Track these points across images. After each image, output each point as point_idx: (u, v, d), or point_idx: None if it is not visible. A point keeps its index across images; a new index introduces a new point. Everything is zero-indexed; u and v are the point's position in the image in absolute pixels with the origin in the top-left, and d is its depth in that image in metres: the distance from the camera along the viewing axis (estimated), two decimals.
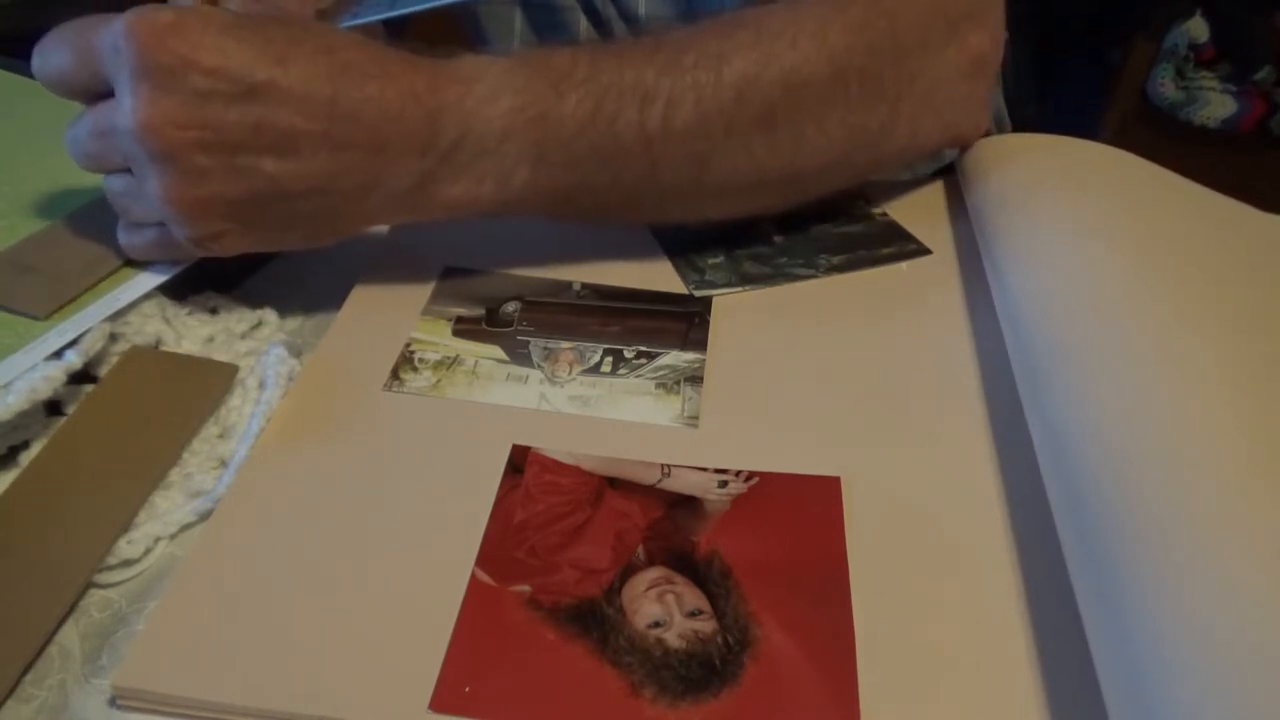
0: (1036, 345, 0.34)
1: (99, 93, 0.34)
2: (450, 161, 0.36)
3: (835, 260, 0.44)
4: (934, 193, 0.50)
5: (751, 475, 0.33)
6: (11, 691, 0.26)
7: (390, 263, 0.43)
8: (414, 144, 0.35)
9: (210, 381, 0.35)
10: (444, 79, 0.36)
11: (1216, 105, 1.44)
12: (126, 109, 0.32)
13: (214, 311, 0.39)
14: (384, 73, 0.35)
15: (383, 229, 0.46)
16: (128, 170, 0.35)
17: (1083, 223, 0.39)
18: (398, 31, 0.49)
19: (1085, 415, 0.30)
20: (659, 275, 0.43)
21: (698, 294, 0.42)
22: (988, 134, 0.49)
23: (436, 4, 0.42)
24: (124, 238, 0.38)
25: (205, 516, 0.31)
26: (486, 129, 0.36)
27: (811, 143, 0.41)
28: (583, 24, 0.61)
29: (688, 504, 0.32)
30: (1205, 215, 0.44)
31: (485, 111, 0.36)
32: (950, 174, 0.51)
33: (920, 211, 0.48)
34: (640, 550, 0.30)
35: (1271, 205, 0.45)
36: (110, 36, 0.32)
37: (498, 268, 0.43)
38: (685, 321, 0.40)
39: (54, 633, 0.28)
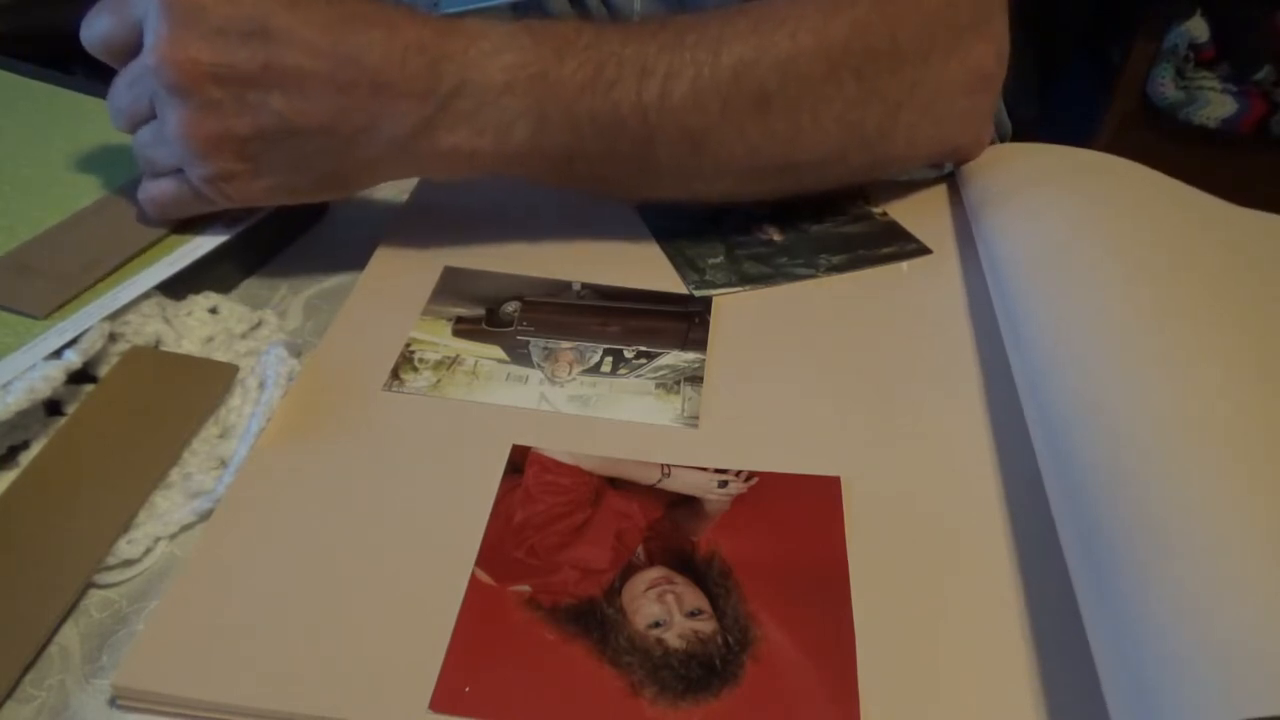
0: (1035, 344, 0.34)
1: (136, 50, 0.37)
2: (449, 109, 0.37)
3: (835, 260, 0.44)
4: (934, 193, 0.50)
5: (751, 475, 0.33)
6: (11, 691, 0.26)
7: (390, 263, 0.43)
8: (415, 88, 0.37)
9: (210, 381, 0.35)
10: (448, 31, 0.37)
11: (1216, 105, 1.44)
12: (149, 46, 0.35)
13: (214, 311, 0.39)
14: (390, 23, 0.37)
15: (391, 205, 0.46)
16: (154, 119, 0.37)
17: (1081, 223, 0.39)
18: None
19: (1084, 414, 0.30)
20: (659, 275, 0.43)
21: (698, 294, 0.42)
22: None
23: (477, 6, 0.44)
24: (144, 193, 0.40)
25: (205, 516, 0.31)
26: (487, 81, 0.37)
27: (807, 133, 0.41)
28: None
29: (688, 504, 0.32)
30: (1201, 217, 0.44)
31: (486, 64, 0.37)
32: (951, 176, 0.51)
33: (920, 211, 0.48)
34: (640, 550, 0.30)
35: (1271, 205, 0.45)
36: None
37: (498, 268, 0.43)
38: (685, 321, 0.40)
39: (54, 633, 0.28)
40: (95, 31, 0.38)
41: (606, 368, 0.38)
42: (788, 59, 0.40)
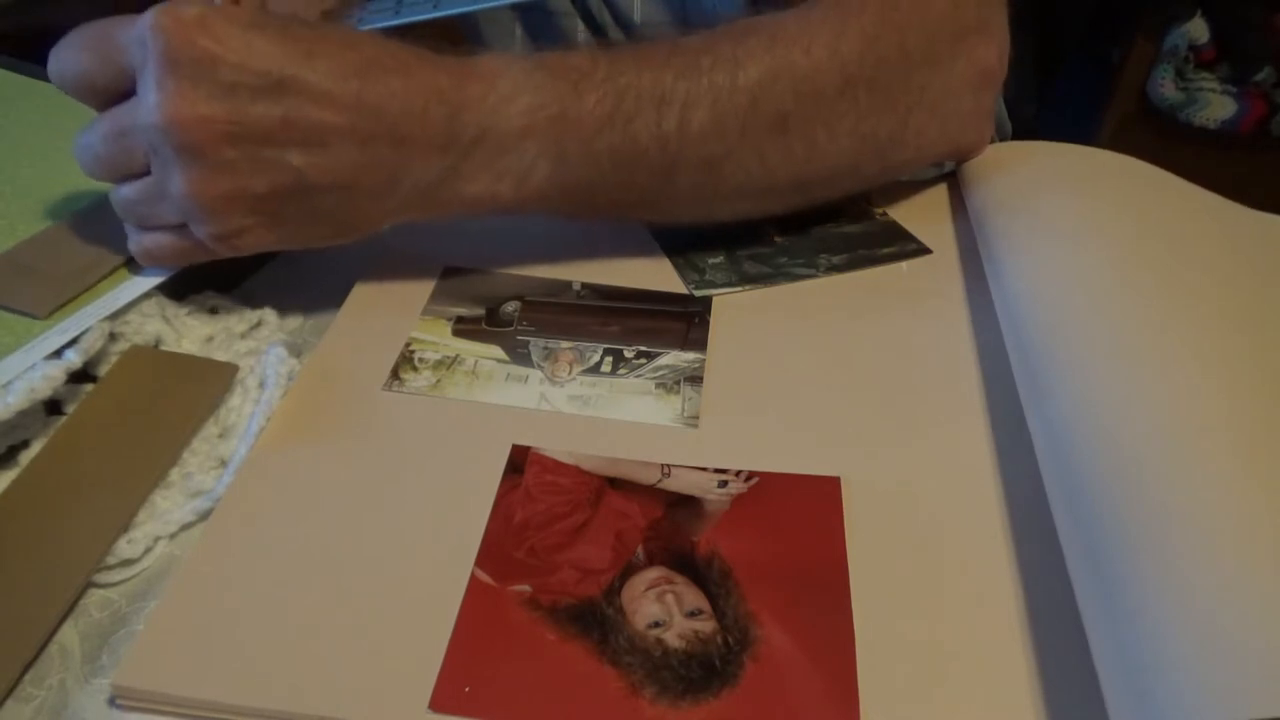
0: (1036, 344, 0.34)
1: (118, 93, 0.34)
2: (471, 158, 0.36)
3: (835, 260, 0.44)
4: (935, 193, 0.50)
5: (751, 475, 0.33)
6: (11, 691, 0.26)
7: (390, 263, 0.43)
8: (436, 140, 0.36)
9: (210, 381, 0.35)
10: (465, 76, 0.36)
11: (1216, 106, 1.44)
12: (152, 104, 0.32)
13: (214, 311, 0.39)
14: (407, 69, 0.35)
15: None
16: (142, 175, 0.35)
17: (1083, 223, 0.39)
18: (400, 36, 0.49)
19: (1085, 414, 0.30)
20: (659, 275, 0.43)
21: (698, 294, 0.42)
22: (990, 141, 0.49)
23: (478, 7, 0.42)
24: (136, 245, 0.37)
25: (205, 516, 0.31)
26: (507, 126, 0.36)
27: (823, 150, 0.41)
28: (580, 30, 0.61)
29: (688, 504, 0.32)
30: (1204, 217, 0.44)
31: (505, 109, 0.36)
32: (951, 175, 0.51)
33: (921, 211, 0.48)
34: (640, 550, 0.30)
35: (1271, 205, 0.45)
36: (135, 32, 0.32)
37: (498, 268, 0.43)
38: (685, 321, 0.40)
39: (54, 633, 0.28)
40: (69, 68, 0.34)
41: (606, 368, 0.38)
42: (804, 76, 0.39)
